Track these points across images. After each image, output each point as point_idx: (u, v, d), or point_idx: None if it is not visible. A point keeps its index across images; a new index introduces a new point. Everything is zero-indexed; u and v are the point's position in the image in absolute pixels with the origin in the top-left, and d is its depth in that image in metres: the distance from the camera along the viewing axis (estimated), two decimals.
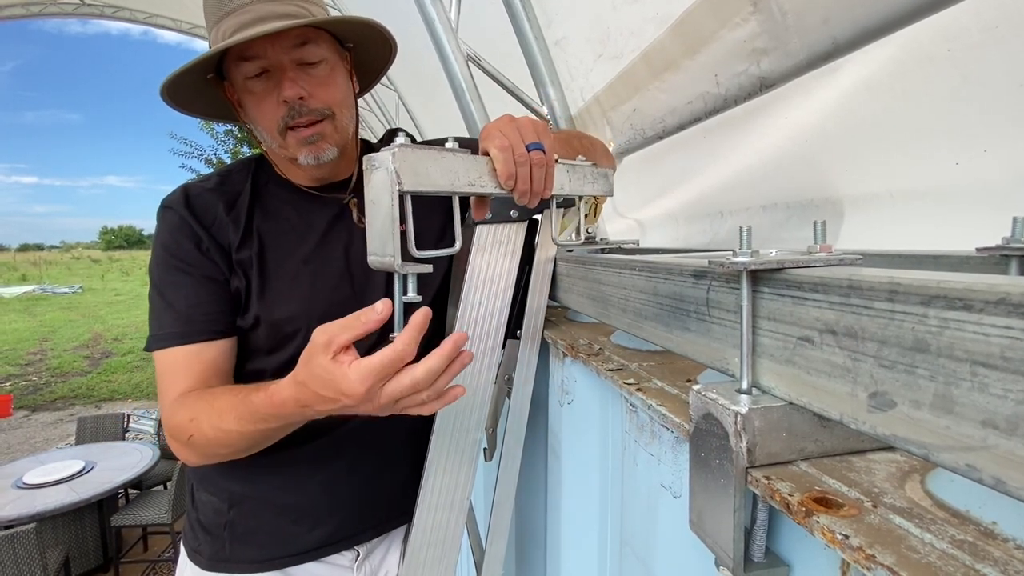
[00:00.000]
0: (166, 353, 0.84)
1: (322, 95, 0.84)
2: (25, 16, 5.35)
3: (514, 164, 0.68)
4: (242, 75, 0.82)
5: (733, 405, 0.42)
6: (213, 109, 0.93)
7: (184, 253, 0.85)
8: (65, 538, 3.40)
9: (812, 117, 0.94)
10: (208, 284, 0.86)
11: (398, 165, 0.60)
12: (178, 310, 0.84)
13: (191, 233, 0.86)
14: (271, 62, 0.81)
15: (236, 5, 0.79)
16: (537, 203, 0.73)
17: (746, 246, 0.43)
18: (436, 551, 0.94)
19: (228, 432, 0.74)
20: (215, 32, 0.81)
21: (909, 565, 0.30)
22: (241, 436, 0.74)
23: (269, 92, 0.82)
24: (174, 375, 0.83)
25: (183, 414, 0.78)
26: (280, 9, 0.80)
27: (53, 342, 13.09)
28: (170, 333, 0.84)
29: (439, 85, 1.54)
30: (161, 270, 0.86)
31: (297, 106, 0.82)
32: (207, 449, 0.78)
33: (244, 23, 0.78)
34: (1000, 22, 0.65)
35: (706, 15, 0.90)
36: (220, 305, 0.86)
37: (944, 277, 0.29)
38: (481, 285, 0.93)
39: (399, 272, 0.62)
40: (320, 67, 0.84)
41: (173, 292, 0.85)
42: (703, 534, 0.47)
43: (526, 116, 0.74)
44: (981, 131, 0.71)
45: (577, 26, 1.37)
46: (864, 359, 0.34)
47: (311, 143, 0.84)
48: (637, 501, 0.72)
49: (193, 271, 0.85)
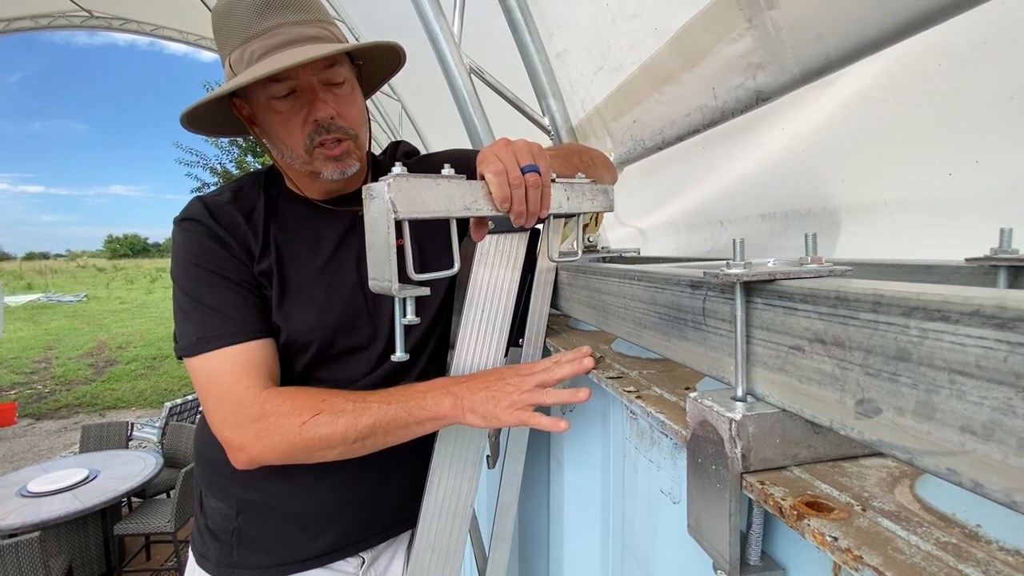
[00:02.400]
0: (217, 355, 0.82)
1: (348, 115, 0.87)
2: (34, 29, 5.43)
3: (509, 187, 0.70)
4: (268, 95, 0.83)
5: (728, 412, 0.43)
6: (219, 125, 0.95)
7: (218, 259, 0.86)
8: (68, 547, 3.41)
9: (809, 128, 0.96)
10: (246, 287, 0.86)
11: (393, 195, 0.63)
12: (225, 313, 0.84)
13: (220, 240, 0.86)
14: (300, 83, 0.82)
15: (264, 28, 0.80)
16: (534, 223, 0.75)
17: (740, 257, 0.45)
18: (440, 558, 0.95)
19: (358, 421, 0.78)
20: (240, 53, 0.82)
21: (895, 566, 0.31)
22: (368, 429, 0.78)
23: (297, 112, 0.84)
24: (234, 373, 0.81)
25: (299, 399, 0.79)
26: (308, 32, 0.82)
27: (58, 350, 13.15)
28: (223, 334, 0.83)
29: (442, 96, 1.57)
30: (193, 279, 0.85)
31: (327, 125, 0.84)
32: (323, 430, 0.78)
33: (274, 46, 0.80)
34: (989, 37, 0.67)
35: (703, 30, 0.92)
36: (262, 306, 0.87)
37: (924, 289, 0.31)
38: (484, 294, 0.94)
39: (397, 296, 0.64)
40: (344, 87, 0.87)
41: (213, 297, 0.84)
42: (701, 539, 0.48)
43: (522, 139, 0.75)
44: (973, 142, 0.73)
45: (578, 39, 1.39)
46: (851, 367, 0.36)
47: (339, 160, 0.87)
48: (637, 506, 0.73)
49: (230, 275, 0.86)
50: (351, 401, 0.80)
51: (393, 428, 0.79)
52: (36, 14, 5.28)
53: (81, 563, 3.48)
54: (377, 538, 1.01)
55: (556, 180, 0.79)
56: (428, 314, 0.99)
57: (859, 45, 0.68)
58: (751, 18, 0.80)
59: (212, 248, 0.86)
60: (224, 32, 0.83)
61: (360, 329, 0.93)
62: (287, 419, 0.78)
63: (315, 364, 0.91)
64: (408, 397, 0.80)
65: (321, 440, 0.78)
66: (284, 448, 0.78)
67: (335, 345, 0.92)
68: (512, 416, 0.75)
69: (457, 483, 0.95)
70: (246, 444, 0.79)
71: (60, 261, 75.07)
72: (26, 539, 2.66)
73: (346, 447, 0.79)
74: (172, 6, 5.20)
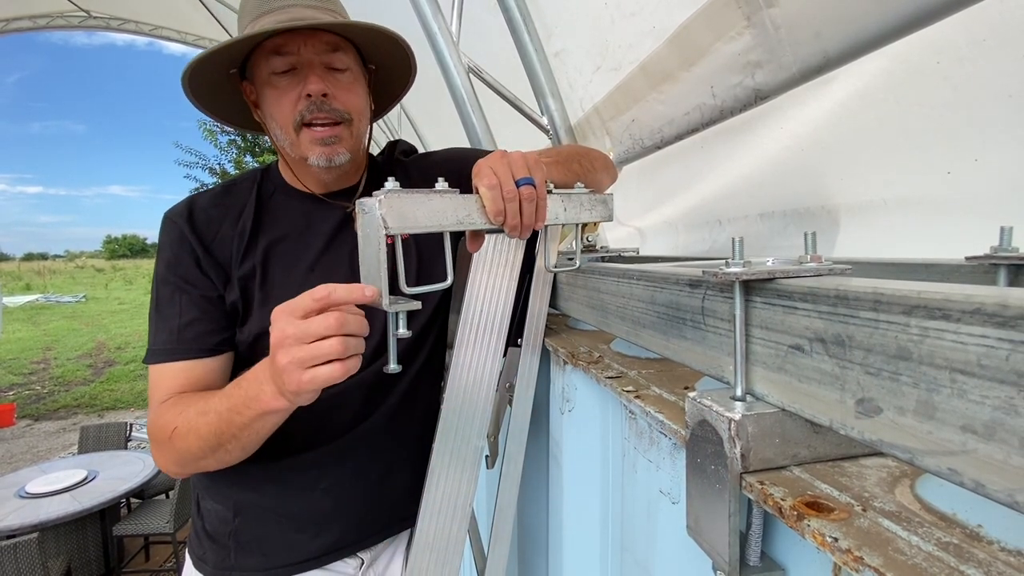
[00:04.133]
0: (157, 368, 0.86)
1: (343, 98, 0.87)
2: (32, 29, 5.42)
3: (503, 201, 0.69)
4: (269, 69, 0.84)
5: (727, 412, 0.43)
6: (226, 110, 0.96)
7: (183, 270, 0.88)
8: (67, 548, 3.40)
9: (807, 127, 0.96)
10: (202, 303, 0.88)
11: (384, 211, 0.63)
12: (170, 328, 0.86)
13: (190, 250, 0.88)
14: (301, 59, 0.84)
15: (278, 5, 0.83)
16: (530, 234, 0.75)
17: (739, 256, 0.44)
18: (438, 558, 0.95)
19: (207, 415, 0.74)
20: (252, 27, 0.84)
21: (896, 566, 0.31)
22: (217, 420, 0.73)
23: (292, 87, 0.84)
24: (159, 389, 0.85)
25: (169, 414, 0.80)
26: (319, 15, 0.85)
27: (57, 351, 13.12)
28: (161, 349, 0.86)
29: (441, 96, 1.57)
30: (161, 284, 0.89)
31: (318, 102, 0.84)
32: (183, 444, 0.77)
33: (283, 20, 0.81)
34: (987, 35, 0.67)
35: (702, 29, 0.92)
36: (212, 324, 0.88)
37: (924, 288, 0.31)
38: (482, 293, 0.94)
39: (389, 311, 0.64)
40: (346, 74, 0.88)
41: (168, 308, 0.87)
42: (700, 539, 0.48)
43: (517, 151, 0.75)
44: (972, 140, 0.73)
45: (576, 39, 1.39)
46: (851, 367, 0.35)
47: (326, 144, 0.86)
48: (637, 507, 0.73)
49: (189, 289, 0.87)
50: (199, 413, 0.77)
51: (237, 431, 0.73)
52: (34, 14, 5.28)
53: (80, 564, 3.47)
54: (375, 538, 1.01)
55: (553, 191, 0.78)
56: (424, 315, 0.99)
57: (858, 43, 0.68)
58: (750, 16, 0.80)
59: (180, 257, 0.88)
60: (243, 10, 0.87)
61: None
62: (160, 436, 0.80)
63: None
64: (234, 393, 0.73)
65: (190, 453, 0.78)
66: (173, 459, 0.81)
67: None
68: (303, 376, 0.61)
69: (456, 483, 0.95)
70: (156, 458, 0.84)
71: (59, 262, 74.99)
72: (25, 540, 2.66)
73: (214, 457, 0.78)
74: (171, 6, 5.20)
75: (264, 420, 0.72)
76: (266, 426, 0.74)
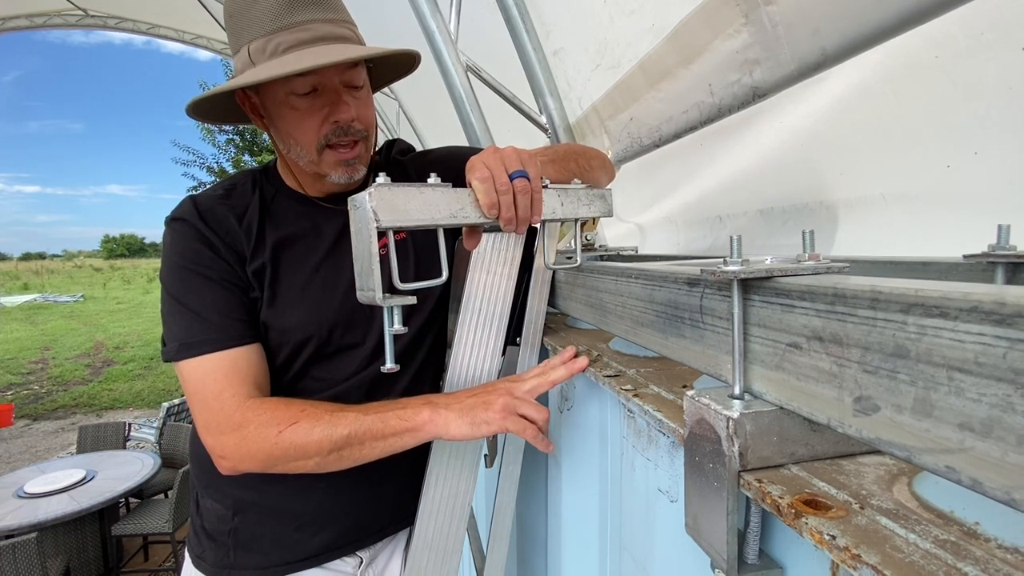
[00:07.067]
0: (199, 361, 0.82)
1: (365, 117, 0.87)
2: (29, 27, 5.41)
3: (496, 193, 0.69)
4: (288, 89, 0.82)
5: (725, 410, 0.43)
6: (223, 111, 0.94)
7: (206, 260, 0.85)
8: (66, 547, 3.39)
9: (806, 122, 0.96)
10: (233, 290, 0.86)
11: (375, 204, 0.62)
12: (208, 318, 0.83)
13: (208, 242, 0.85)
14: (323, 82, 0.82)
15: (295, 22, 0.79)
16: (526, 229, 0.74)
17: (737, 255, 0.44)
18: (437, 557, 0.95)
19: (344, 414, 0.78)
20: (264, 43, 0.80)
21: (893, 564, 0.31)
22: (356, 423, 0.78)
23: (316, 110, 0.83)
24: (218, 380, 0.81)
25: (279, 409, 0.79)
26: (337, 31, 0.82)
27: (55, 351, 13.11)
28: (204, 340, 0.82)
29: (439, 94, 1.56)
30: (179, 281, 0.85)
31: (345, 127, 0.84)
32: (303, 439, 0.77)
33: (303, 40, 0.79)
34: (985, 29, 0.67)
35: (700, 26, 0.91)
36: (247, 311, 0.87)
37: (922, 286, 0.31)
38: (481, 292, 0.94)
39: (383, 305, 0.64)
40: (363, 91, 0.87)
41: (198, 300, 0.84)
42: (699, 537, 0.48)
43: (511, 146, 0.75)
44: (971, 134, 0.73)
45: (575, 37, 1.39)
46: (849, 365, 0.35)
47: (349, 165, 0.87)
48: (635, 505, 0.73)
49: (216, 277, 0.85)
50: (329, 412, 0.79)
51: (368, 439, 0.78)
52: (31, 13, 5.26)
53: (79, 564, 3.47)
54: (374, 537, 1.01)
55: (548, 186, 0.78)
56: (422, 314, 0.99)
57: (855, 40, 0.68)
58: (747, 13, 0.80)
59: (199, 250, 0.85)
60: (246, 19, 0.81)
61: (357, 325, 0.93)
62: (265, 429, 0.78)
63: (312, 362, 0.91)
64: (386, 408, 0.80)
65: (297, 449, 0.77)
66: (262, 457, 0.79)
67: (332, 342, 0.91)
68: (506, 420, 0.76)
69: (455, 482, 0.95)
70: (227, 452, 0.80)
71: (56, 261, 74.87)
72: (23, 540, 2.65)
73: (321, 458, 0.78)
74: (168, 5, 5.19)
75: (406, 438, 0.80)
76: (404, 444, 0.80)
